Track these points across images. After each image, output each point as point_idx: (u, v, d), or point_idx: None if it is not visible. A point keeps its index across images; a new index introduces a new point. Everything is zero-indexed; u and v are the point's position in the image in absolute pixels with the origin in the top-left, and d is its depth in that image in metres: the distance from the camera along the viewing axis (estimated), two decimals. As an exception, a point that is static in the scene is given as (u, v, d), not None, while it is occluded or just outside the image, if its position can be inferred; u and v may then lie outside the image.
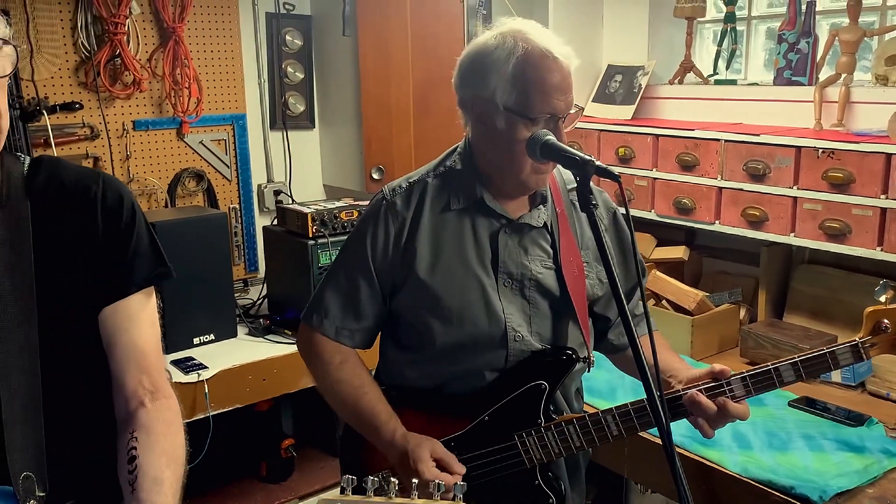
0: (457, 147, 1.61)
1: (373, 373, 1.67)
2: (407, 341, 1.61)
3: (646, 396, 1.27)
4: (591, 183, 1.50)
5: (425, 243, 1.53)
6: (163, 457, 1.15)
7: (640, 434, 1.99)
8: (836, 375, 2.28)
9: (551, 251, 1.56)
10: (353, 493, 0.95)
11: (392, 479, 0.97)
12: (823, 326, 2.44)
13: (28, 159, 1.22)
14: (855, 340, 1.50)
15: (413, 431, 1.53)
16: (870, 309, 1.51)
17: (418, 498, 0.95)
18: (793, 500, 1.71)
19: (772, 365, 1.51)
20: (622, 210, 1.63)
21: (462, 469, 1.49)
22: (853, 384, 2.26)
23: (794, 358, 1.50)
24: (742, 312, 2.65)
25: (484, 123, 1.48)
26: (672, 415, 1.50)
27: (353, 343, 1.59)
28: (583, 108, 1.56)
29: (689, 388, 1.51)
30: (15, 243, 1.14)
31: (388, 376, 1.65)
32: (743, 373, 1.51)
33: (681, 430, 2.01)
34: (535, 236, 1.55)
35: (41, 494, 1.11)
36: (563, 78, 1.42)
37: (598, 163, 1.31)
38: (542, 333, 1.56)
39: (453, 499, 0.97)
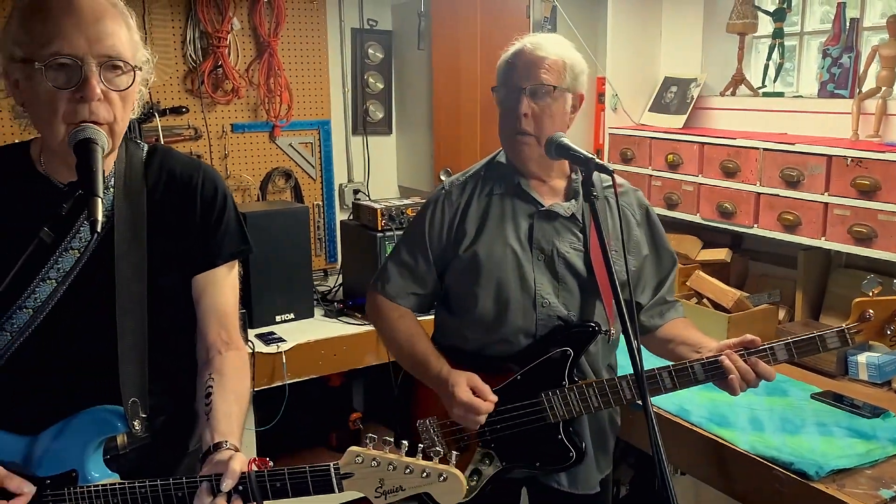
0: None
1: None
2: (455, 308, 1.90)
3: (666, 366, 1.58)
4: (628, 182, 1.87)
5: (472, 223, 1.83)
6: (231, 395, 1.42)
7: (671, 418, 2.20)
8: (862, 372, 2.40)
9: (581, 236, 1.80)
10: (373, 448, 1.23)
11: (403, 442, 1.24)
12: (857, 328, 2.55)
13: (146, 146, 1.51)
14: (842, 327, 1.66)
15: None
16: (857, 300, 1.67)
17: (421, 459, 1.23)
18: (791, 475, 1.87)
19: (767, 344, 1.68)
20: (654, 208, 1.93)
21: (494, 398, 1.73)
22: (879, 382, 2.37)
23: (788, 339, 1.67)
24: (781, 313, 2.78)
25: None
26: (708, 377, 1.69)
27: (410, 305, 1.90)
28: (581, 96, 1.81)
29: (696, 360, 1.69)
30: (133, 218, 1.42)
31: (441, 339, 1.95)
32: (742, 350, 1.69)
33: (701, 411, 2.20)
34: (566, 223, 1.81)
35: (143, 416, 1.40)
36: (528, 62, 1.75)
37: (597, 160, 1.54)
38: (568, 305, 1.80)
39: (447, 462, 1.23)
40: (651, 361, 2.18)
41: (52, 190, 1.38)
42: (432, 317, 2.03)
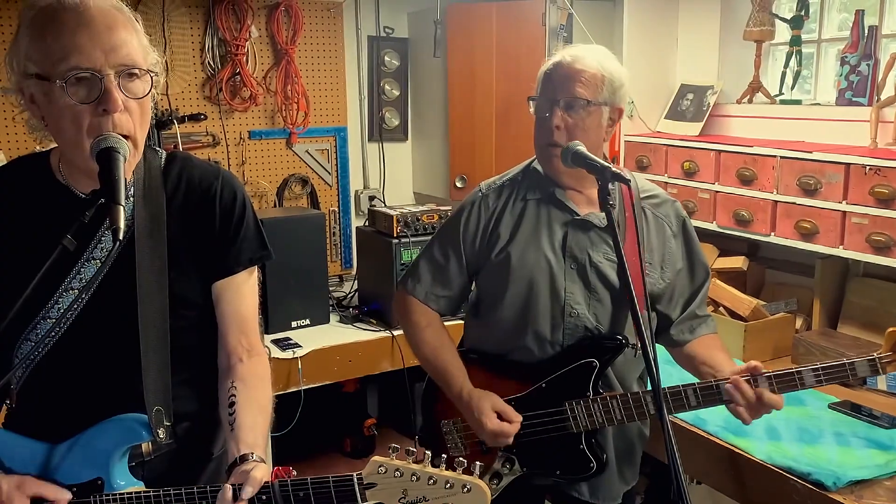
0: None
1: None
2: (483, 312, 1.91)
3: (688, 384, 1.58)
4: (664, 192, 1.87)
5: (507, 228, 1.84)
6: (255, 405, 1.42)
7: (686, 427, 2.20)
8: (881, 383, 2.38)
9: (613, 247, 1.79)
10: (396, 458, 1.23)
11: (427, 452, 1.24)
12: (875, 337, 2.53)
13: (164, 154, 1.50)
14: (873, 356, 1.64)
15: (481, 388, 1.80)
16: (891, 329, 1.64)
17: (444, 469, 1.22)
18: (808, 485, 1.86)
19: (795, 369, 1.66)
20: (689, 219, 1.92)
21: (518, 417, 1.75)
22: (897, 392, 2.35)
23: (816, 365, 1.66)
24: (799, 322, 2.76)
25: None
26: (716, 400, 1.69)
27: (438, 307, 1.91)
28: (620, 109, 1.80)
29: (722, 380, 1.69)
30: (154, 227, 1.41)
31: (468, 341, 1.97)
32: (769, 372, 1.67)
33: (717, 420, 2.19)
34: (601, 233, 1.80)
35: (168, 424, 1.40)
36: (565, 75, 1.74)
37: (613, 168, 1.54)
38: (598, 315, 1.80)
39: (471, 473, 1.23)
40: (671, 376, 2.17)
41: (72, 199, 1.39)
42: (458, 321, 2.04)
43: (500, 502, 1.82)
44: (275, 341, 2.90)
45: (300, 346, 2.86)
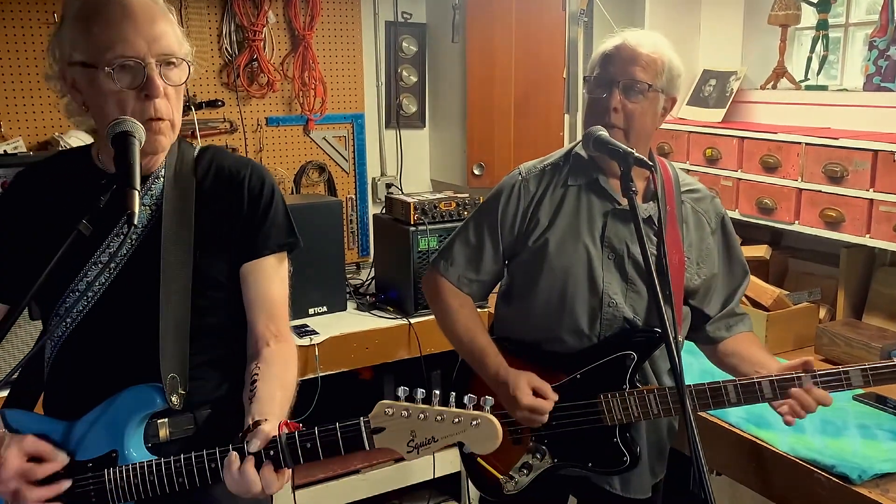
0: None
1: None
2: (518, 300, 1.87)
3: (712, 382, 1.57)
4: (705, 187, 1.85)
5: (546, 214, 1.80)
6: (276, 382, 1.44)
7: (708, 418, 2.17)
8: (907, 374, 2.33)
9: (655, 240, 1.76)
10: (406, 401, 1.21)
11: (436, 392, 1.21)
12: (901, 328, 2.48)
13: (198, 146, 1.57)
14: None
15: None
16: None
17: (454, 407, 1.20)
18: (833, 478, 1.82)
19: (842, 369, 1.64)
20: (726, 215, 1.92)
21: (554, 396, 1.73)
22: (924, 384, 2.30)
23: (865, 365, 1.63)
24: (822, 312, 2.72)
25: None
26: (756, 398, 1.68)
27: (469, 291, 1.88)
28: (673, 99, 1.78)
29: (765, 377, 1.67)
30: (182, 208, 1.47)
31: (498, 330, 1.94)
32: (815, 372, 1.65)
33: (738, 411, 2.15)
34: (642, 224, 1.75)
35: (182, 392, 1.43)
36: (626, 57, 1.70)
37: (636, 154, 1.51)
38: (636, 307, 1.77)
39: (481, 409, 1.20)
40: (691, 366, 2.13)
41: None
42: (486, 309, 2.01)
43: (526, 497, 1.80)
44: (292, 328, 2.87)
45: (317, 333, 2.85)
